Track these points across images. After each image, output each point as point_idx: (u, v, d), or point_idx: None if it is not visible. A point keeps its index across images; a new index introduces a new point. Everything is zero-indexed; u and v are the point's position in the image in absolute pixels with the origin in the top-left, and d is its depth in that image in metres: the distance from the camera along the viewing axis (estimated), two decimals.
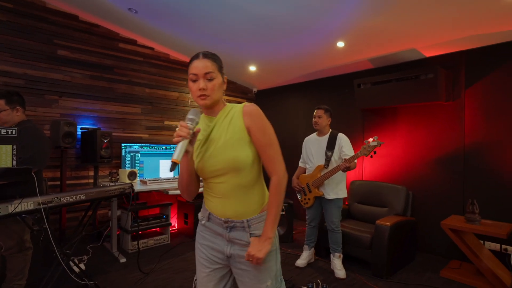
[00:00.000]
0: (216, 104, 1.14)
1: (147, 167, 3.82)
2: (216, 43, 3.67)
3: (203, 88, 1.07)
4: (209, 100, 1.09)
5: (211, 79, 1.08)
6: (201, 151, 1.14)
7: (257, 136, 1.10)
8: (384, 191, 3.21)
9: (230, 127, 1.12)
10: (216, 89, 1.10)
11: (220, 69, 1.13)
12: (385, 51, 3.29)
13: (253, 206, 1.14)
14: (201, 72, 1.08)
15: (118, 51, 3.75)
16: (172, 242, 3.48)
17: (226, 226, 1.14)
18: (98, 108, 3.58)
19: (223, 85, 1.15)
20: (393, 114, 3.57)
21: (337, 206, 2.74)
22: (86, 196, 2.04)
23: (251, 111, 1.11)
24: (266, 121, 1.13)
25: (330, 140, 2.80)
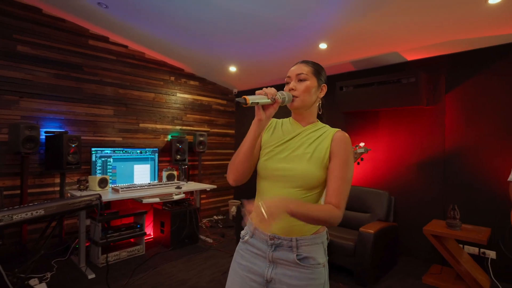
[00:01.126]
0: (306, 111, 1.12)
1: (120, 173, 3.58)
2: (195, 42, 3.49)
3: (292, 88, 1.07)
4: (297, 101, 1.07)
5: (303, 80, 1.07)
6: (273, 150, 1.09)
7: (336, 166, 1.02)
8: (366, 196, 3.16)
9: (316, 144, 1.06)
10: (307, 92, 1.07)
11: (317, 74, 1.10)
12: (367, 53, 3.25)
13: (306, 226, 1.03)
14: (294, 73, 1.09)
15: (87, 49, 3.48)
16: (147, 253, 3.27)
17: (271, 244, 1.04)
18: (65, 110, 3.31)
19: (319, 92, 1.11)
20: (375, 118, 3.54)
21: None
22: (45, 211, 1.83)
23: (342, 139, 1.05)
24: (350, 155, 1.05)
25: None
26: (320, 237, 1.07)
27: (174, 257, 3.18)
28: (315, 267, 1.03)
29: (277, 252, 1.04)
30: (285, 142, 1.10)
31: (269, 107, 1.02)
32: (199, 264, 3.04)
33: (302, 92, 1.07)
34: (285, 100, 1.04)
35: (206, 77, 4.76)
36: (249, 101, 0.94)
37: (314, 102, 1.12)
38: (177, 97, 4.41)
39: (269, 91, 0.99)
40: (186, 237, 3.53)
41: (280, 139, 1.12)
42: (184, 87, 4.50)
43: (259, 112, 1.01)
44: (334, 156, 1.04)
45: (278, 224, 1.01)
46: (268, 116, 1.03)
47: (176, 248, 3.42)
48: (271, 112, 1.02)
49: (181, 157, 4.10)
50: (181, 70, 4.46)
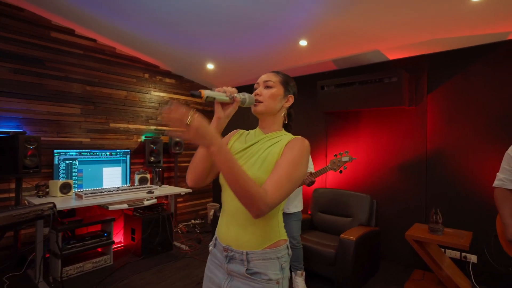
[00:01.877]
0: (270, 119, 1.11)
1: (87, 176, 3.31)
2: (171, 37, 3.28)
3: (258, 93, 1.07)
4: (261, 106, 1.06)
5: (270, 87, 1.08)
6: None
7: (283, 160, 0.96)
8: (348, 199, 3.05)
9: (270, 149, 1.03)
10: (272, 98, 1.07)
11: (285, 84, 1.11)
12: (349, 51, 3.14)
13: (258, 238, 1.00)
14: (262, 80, 1.10)
15: (50, 41, 3.19)
16: (115, 263, 3.03)
17: (226, 256, 1.03)
18: (23, 108, 3.01)
19: (284, 101, 1.11)
20: (356, 118, 3.44)
21: (297, 219, 2.51)
22: None
23: (297, 141, 1.02)
24: (303, 158, 0.98)
25: None
26: (274, 252, 1.01)
27: (144, 267, 2.96)
28: (267, 282, 0.98)
29: (231, 264, 1.02)
30: (243, 150, 1.09)
31: (229, 106, 1.01)
32: (171, 274, 2.83)
33: (267, 98, 1.07)
34: (246, 101, 1.03)
35: (183, 75, 4.54)
36: (204, 95, 0.90)
37: (278, 110, 1.11)
38: (152, 95, 4.17)
39: (228, 89, 0.99)
40: (159, 244, 3.30)
41: (240, 147, 1.11)
42: (159, 85, 4.26)
43: (217, 110, 1.00)
44: (284, 154, 0.99)
45: (232, 234, 1.02)
46: (227, 115, 1.01)
47: (147, 257, 3.19)
48: (230, 112, 1.01)
49: (155, 159, 3.86)
50: (157, 67, 4.22)
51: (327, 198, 3.21)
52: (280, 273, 1.01)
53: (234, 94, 0.99)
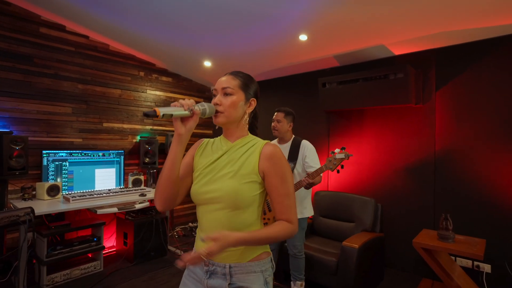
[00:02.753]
0: (233, 127, 1.05)
1: (78, 178, 3.18)
2: (166, 34, 3.14)
3: (218, 102, 1.00)
4: (222, 118, 1.00)
5: (229, 94, 1.01)
6: (201, 173, 1.03)
7: (275, 184, 0.98)
8: (351, 203, 2.87)
9: (242, 160, 1.00)
10: (233, 107, 1.00)
11: (245, 88, 1.04)
12: (352, 47, 2.96)
13: (241, 252, 0.97)
14: (220, 86, 1.02)
15: (39, 38, 3.07)
16: (105, 270, 2.89)
17: (206, 270, 0.99)
18: (10, 107, 2.89)
19: (247, 107, 1.05)
20: (360, 117, 3.26)
21: (300, 228, 2.33)
22: None
23: (271, 155, 0.99)
24: (287, 168, 1.01)
25: (293, 149, 2.37)
26: (258, 265, 0.99)
27: (136, 274, 2.81)
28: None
29: (212, 279, 0.98)
30: (212, 163, 1.04)
31: (189, 119, 0.94)
32: (163, 282, 2.68)
33: (227, 107, 1.00)
34: (206, 111, 0.97)
35: (180, 73, 4.39)
36: (160, 113, 0.85)
37: (240, 117, 1.05)
38: (148, 94, 4.03)
39: (186, 102, 0.93)
40: (152, 249, 3.16)
41: (208, 159, 1.06)
42: (155, 84, 4.12)
43: (177, 126, 0.93)
44: (269, 174, 0.98)
45: None
46: (189, 129, 0.95)
47: (140, 262, 3.05)
48: (191, 125, 0.95)
49: (150, 160, 3.72)
50: (152, 64, 4.08)
51: (328, 201, 3.04)
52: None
53: (192, 107, 0.93)
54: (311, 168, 2.29)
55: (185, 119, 0.94)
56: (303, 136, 2.47)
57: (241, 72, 1.07)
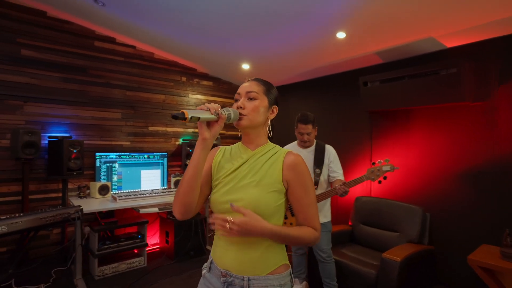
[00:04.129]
0: (254, 133, 1.05)
1: (126, 178, 3.43)
2: (205, 40, 3.24)
3: (241, 106, 1.00)
4: (245, 121, 1.00)
5: (253, 98, 1.02)
6: (221, 182, 1.02)
7: (299, 194, 0.98)
8: (395, 211, 2.65)
9: (265, 169, 1.00)
10: (256, 111, 1.01)
11: (268, 94, 1.05)
12: (396, 41, 2.73)
13: (260, 263, 0.95)
14: (244, 90, 1.03)
15: (93, 50, 3.38)
16: (149, 265, 3.07)
17: (224, 281, 0.96)
18: (70, 114, 3.23)
19: (269, 113, 1.06)
20: (406, 118, 2.99)
21: (326, 230, 2.25)
22: (8, 228, 1.65)
23: (295, 165, 0.99)
24: (309, 177, 1.01)
25: (318, 154, 2.29)
26: (278, 278, 0.95)
27: (175, 272, 2.94)
28: None
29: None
30: (233, 171, 1.02)
31: (214, 124, 0.93)
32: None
33: (251, 111, 1.00)
34: (231, 116, 0.96)
35: (220, 77, 4.50)
36: (188, 116, 0.84)
37: (263, 123, 1.05)
38: (190, 98, 4.20)
39: (212, 106, 0.92)
40: (192, 249, 3.28)
41: (229, 168, 1.04)
42: (196, 88, 4.28)
43: (202, 130, 0.92)
44: (293, 184, 0.98)
45: (231, 259, 0.96)
46: (214, 134, 0.94)
47: (180, 260, 3.18)
48: (216, 130, 0.94)
49: None
50: (194, 70, 4.24)
51: (370, 208, 2.85)
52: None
53: (219, 111, 0.92)
54: (335, 173, 2.24)
55: (211, 123, 0.93)
56: (343, 140, 2.37)
57: (263, 79, 1.08)
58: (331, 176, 2.24)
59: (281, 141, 2.46)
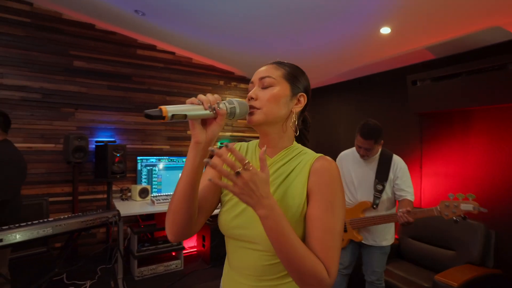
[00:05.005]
0: (274, 132, 0.80)
1: (166, 181, 3.53)
2: (242, 42, 3.22)
3: (253, 97, 0.77)
4: (258, 115, 0.76)
5: (267, 86, 0.78)
6: (232, 198, 0.80)
7: (318, 209, 0.71)
8: (451, 226, 2.33)
9: (285, 185, 0.76)
10: (274, 101, 0.76)
11: (293, 79, 0.80)
12: (451, 34, 2.41)
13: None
14: (257, 77, 0.80)
15: (136, 58, 3.54)
16: (185, 268, 3.11)
17: None
18: (115, 120, 3.41)
19: (293, 104, 0.80)
20: (464, 121, 2.63)
21: (384, 253, 1.99)
22: (53, 230, 1.74)
23: (324, 168, 0.74)
24: (339, 192, 0.73)
25: (381, 166, 1.93)
26: None
27: (210, 277, 2.93)
28: None
29: None
30: None
31: (211, 122, 0.70)
32: None
33: (266, 101, 0.76)
34: (235, 111, 0.72)
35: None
36: (167, 114, 0.62)
37: (284, 117, 0.79)
38: None
39: (206, 97, 0.68)
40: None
41: None
42: (234, 91, 4.27)
43: (195, 131, 0.70)
44: (314, 195, 0.72)
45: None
46: (211, 136, 0.71)
47: (215, 265, 3.17)
48: (214, 130, 0.71)
49: None
50: (231, 73, 4.25)
51: (421, 221, 2.53)
52: None
53: (215, 105, 0.68)
54: (402, 191, 1.88)
55: (207, 121, 0.71)
56: (388, 145, 2.09)
57: (287, 62, 0.84)
58: (397, 194, 1.90)
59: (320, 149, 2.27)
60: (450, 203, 1.65)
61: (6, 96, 2.88)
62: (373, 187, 1.93)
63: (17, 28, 2.93)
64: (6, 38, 2.88)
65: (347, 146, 2.23)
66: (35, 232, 1.67)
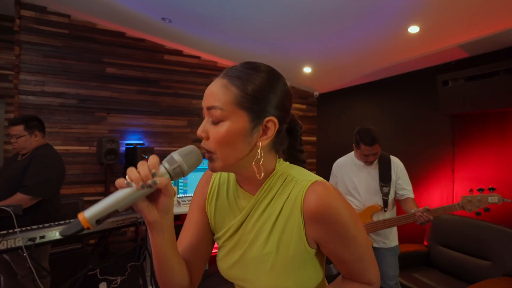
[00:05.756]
0: (245, 171, 0.64)
1: (192, 183, 3.62)
2: (265, 45, 3.25)
3: (201, 135, 0.61)
4: (216, 162, 0.60)
5: (216, 122, 0.59)
6: (224, 245, 0.70)
7: (337, 252, 0.63)
8: (486, 235, 2.20)
9: (279, 229, 0.63)
10: (225, 145, 0.58)
11: (247, 101, 0.59)
12: (485, 31, 2.28)
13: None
14: (204, 104, 0.61)
15: (163, 64, 3.68)
16: (210, 269, 3.17)
17: None
18: (143, 123, 3.57)
19: (256, 135, 0.60)
20: (500, 122, 2.46)
21: (395, 255, 1.96)
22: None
23: (319, 215, 0.59)
24: (348, 225, 0.61)
25: (383, 168, 1.93)
26: None
27: None
28: None
29: None
30: (236, 231, 0.68)
31: (158, 194, 0.56)
32: None
33: (217, 145, 0.59)
34: (182, 169, 0.56)
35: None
36: (89, 224, 0.49)
37: (251, 156, 0.61)
38: None
39: (135, 174, 0.53)
40: None
41: (228, 223, 0.69)
42: None
43: (144, 213, 0.56)
44: (325, 242, 0.62)
45: None
46: (164, 210, 0.57)
47: None
48: (164, 203, 0.56)
49: None
50: None
51: (453, 227, 2.43)
52: None
53: (149, 180, 0.53)
54: (404, 190, 1.90)
55: (153, 195, 0.57)
56: (417, 149, 2.04)
57: (244, 66, 0.63)
58: (398, 193, 1.92)
59: (345, 151, 2.22)
60: (472, 197, 1.64)
61: (47, 102, 3.10)
62: (379, 190, 1.91)
63: (57, 39, 3.16)
64: (46, 49, 3.11)
65: None
66: None
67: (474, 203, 1.64)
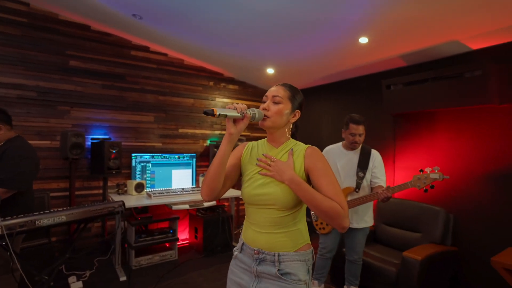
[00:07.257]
0: (277, 133, 1.18)
1: (159, 177, 3.70)
2: (232, 46, 3.43)
3: (266, 108, 1.13)
4: (269, 122, 1.13)
5: (277, 103, 1.14)
6: (253, 177, 1.16)
7: (319, 176, 1.08)
8: (418, 212, 2.69)
9: None
10: (279, 114, 1.13)
11: (292, 100, 1.16)
12: (420, 45, 2.77)
13: (288, 242, 1.10)
14: (270, 94, 1.16)
15: (130, 59, 3.68)
16: (180, 258, 3.30)
17: (256, 258, 1.11)
18: (109, 118, 3.54)
19: (291, 117, 1.17)
20: (430, 120, 3.00)
21: (364, 234, 2.31)
22: (67, 217, 1.90)
23: (314, 153, 1.13)
24: (325, 162, 1.12)
25: (363, 157, 2.30)
26: (303, 254, 1.12)
27: (204, 265, 3.14)
28: (296, 283, 1.08)
29: (261, 266, 1.10)
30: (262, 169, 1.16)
31: (239, 121, 1.08)
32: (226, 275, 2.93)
33: (274, 113, 1.13)
34: (255, 116, 1.09)
35: (245, 81, 4.68)
36: (216, 113, 0.99)
37: (284, 125, 1.17)
38: (217, 101, 4.41)
39: (239, 105, 1.06)
40: (219, 244, 3.47)
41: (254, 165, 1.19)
42: (223, 92, 4.49)
43: (229, 125, 1.07)
44: (313, 170, 1.10)
45: (262, 240, 1.11)
46: (239, 130, 1.08)
47: (208, 255, 3.38)
48: (241, 127, 1.08)
49: None
50: (221, 74, 4.46)
51: (393, 208, 2.89)
52: (307, 275, 1.12)
53: (244, 111, 1.06)
54: (377, 179, 2.25)
55: (237, 120, 1.07)
56: (366, 142, 2.41)
57: (291, 85, 1.20)
58: (372, 181, 2.25)
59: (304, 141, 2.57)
60: (421, 176, 2.03)
61: (2, 94, 2.95)
62: (355, 174, 2.25)
63: (14, 27, 3.01)
64: (2, 37, 2.95)
65: (330, 139, 2.54)
66: (51, 219, 1.82)
67: (422, 180, 2.01)
